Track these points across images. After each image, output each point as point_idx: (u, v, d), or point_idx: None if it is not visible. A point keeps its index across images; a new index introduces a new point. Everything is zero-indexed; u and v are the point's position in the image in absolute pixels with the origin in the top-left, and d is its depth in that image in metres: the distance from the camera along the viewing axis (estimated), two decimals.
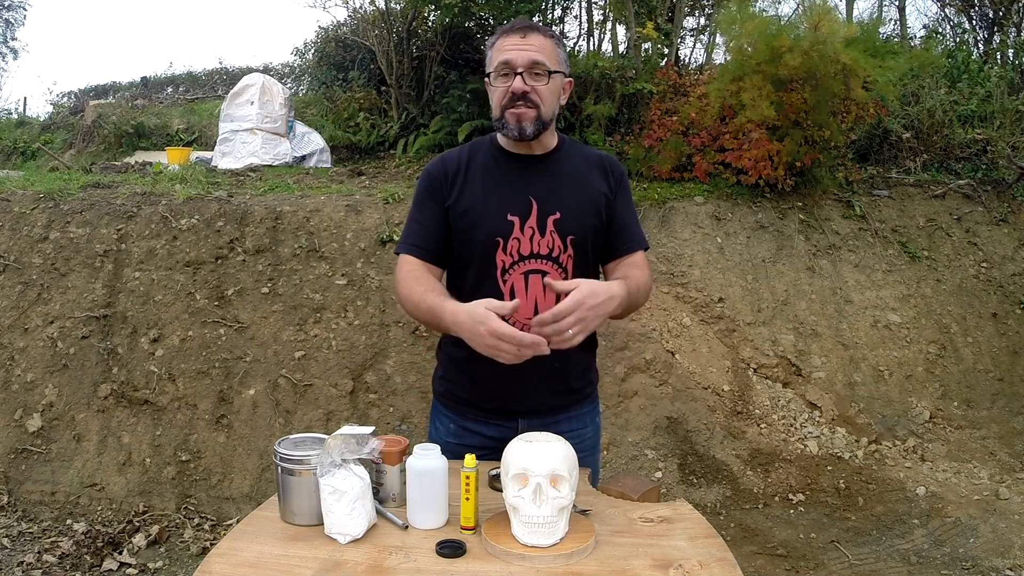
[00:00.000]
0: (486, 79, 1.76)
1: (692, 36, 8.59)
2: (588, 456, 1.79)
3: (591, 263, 1.80)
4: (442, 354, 1.87)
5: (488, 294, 1.65)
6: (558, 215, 1.71)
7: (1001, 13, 7.98)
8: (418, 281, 1.69)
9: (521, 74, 1.66)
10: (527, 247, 1.70)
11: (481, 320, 1.47)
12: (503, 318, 1.49)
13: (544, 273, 1.70)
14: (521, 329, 1.61)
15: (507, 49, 1.68)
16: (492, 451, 1.69)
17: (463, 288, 1.75)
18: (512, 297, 1.69)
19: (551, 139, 1.79)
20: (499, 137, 1.79)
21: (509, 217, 1.70)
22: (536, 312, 1.67)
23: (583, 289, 1.51)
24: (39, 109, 16.83)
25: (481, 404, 1.77)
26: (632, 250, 1.82)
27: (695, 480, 3.85)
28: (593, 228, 1.76)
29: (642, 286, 1.75)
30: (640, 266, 1.80)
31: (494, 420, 1.76)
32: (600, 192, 1.78)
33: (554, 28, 7.71)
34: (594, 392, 1.91)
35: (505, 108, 1.69)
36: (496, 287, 1.70)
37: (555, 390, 1.77)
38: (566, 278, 1.71)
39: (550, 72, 1.69)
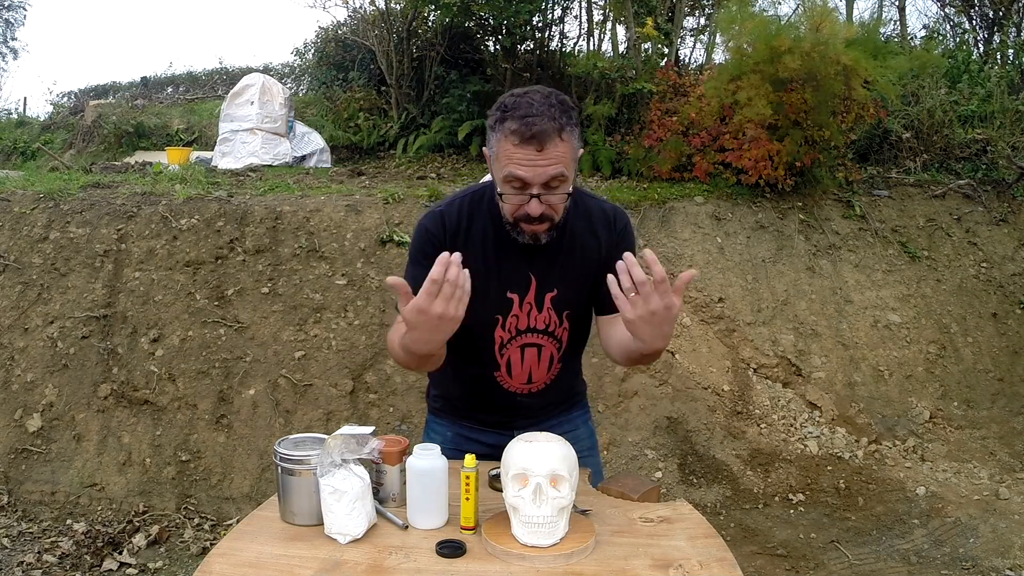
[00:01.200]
0: (490, 168, 1.57)
1: (692, 36, 8.59)
2: (586, 458, 1.79)
3: (586, 330, 1.80)
4: (432, 380, 1.90)
5: (486, 365, 1.70)
6: (555, 292, 1.67)
7: (1001, 13, 7.98)
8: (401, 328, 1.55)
9: (538, 196, 1.49)
10: (524, 322, 1.68)
11: (411, 312, 1.36)
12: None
13: (539, 346, 1.70)
14: (518, 394, 1.73)
15: (520, 163, 1.46)
16: (491, 457, 1.69)
17: (459, 356, 1.71)
18: (508, 368, 1.70)
19: None
20: (501, 209, 1.61)
21: (508, 295, 1.65)
22: (530, 379, 1.72)
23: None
24: (39, 109, 16.85)
25: (476, 417, 1.82)
26: None
27: (695, 480, 3.85)
28: (588, 299, 1.72)
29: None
30: None
31: (490, 429, 1.79)
32: (599, 255, 1.68)
33: (553, 29, 7.71)
34: (583, 400, 1.96)
35: (519, 220, 1.55)
36: (493, 359, 1.70)
37: (550, 414, 1.82)
38: (560, 348, 1.71)
39: (568, 179, 1.51)
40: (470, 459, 1.38)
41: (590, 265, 1.68)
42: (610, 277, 1.37)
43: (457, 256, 1.35)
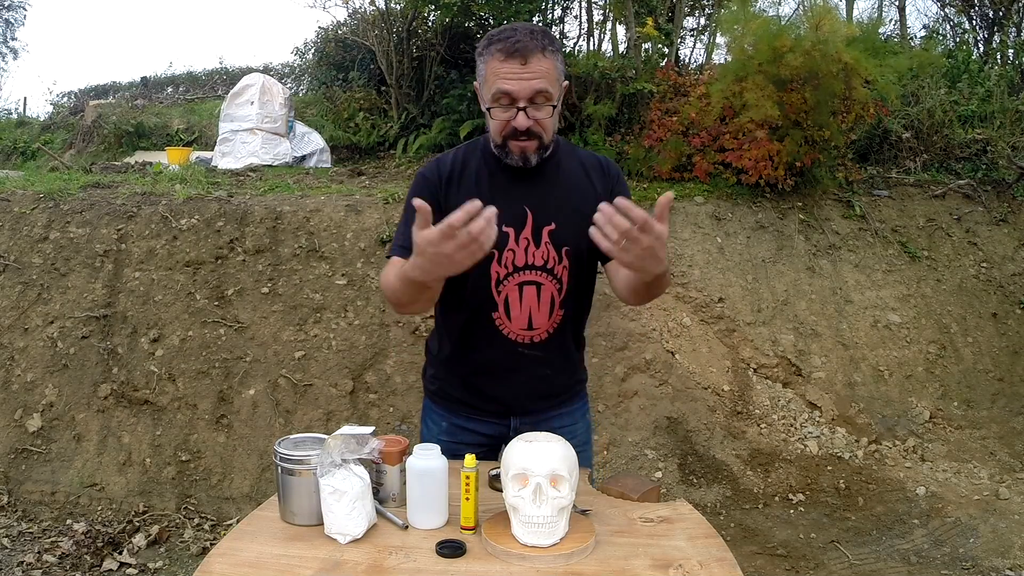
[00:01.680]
0: (480, 96, 1.65)
1: (692, 36, 8.59)
2: (581, 453, 1.79)
3: (586, 271, 1.78)
4: (429, 353, 1.87)
5: (483, 304, 1.68)
6: (553, 226, 1.68)
7: (1001, 13, 7.98)
8: (397, 269, 1.57)
9: (524, 109, 1.57)
10: (522, 258, 1.67)
11: (423, 240, 1.36)
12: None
13: (538, 284, 1.68)
14: (519, 342, 1.69)
15: (507, 78, 1.55)
16: (486, 448, 1.70)
17: (457, 297, 1.72)
18: (507, 308, 1.68)
19: None
20: (490, 134, 1.72)
21: (504, 228, 1.65)
22: (530, 324, 1.69)
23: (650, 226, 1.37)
24: (39, 109, 16.84)
25: (472, 402, 1.78)
26: None
27: (695, 480, 3.85)
28: (588, 238, 1.68)
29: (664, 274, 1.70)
30: None
31: (487, 418, 1.76)
32: (596, 197, 1.71)
33: (553, 29, 7.71)
34: (583, 391, 1.92)
35: (507, 138, 1.63)
36: (490, 297, 1.68)
37: (543, 393, 1.77)
38: (561, 289, 1.70)
39: (552, 96, 1.59)
40: (470, 459, 1.38)
41: (589, 205, 1.61)
42: (592, 231, 1.37)
43: (491, 211, 1.33)
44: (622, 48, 7.57)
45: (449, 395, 1.81)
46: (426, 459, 1.40)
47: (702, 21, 8.47)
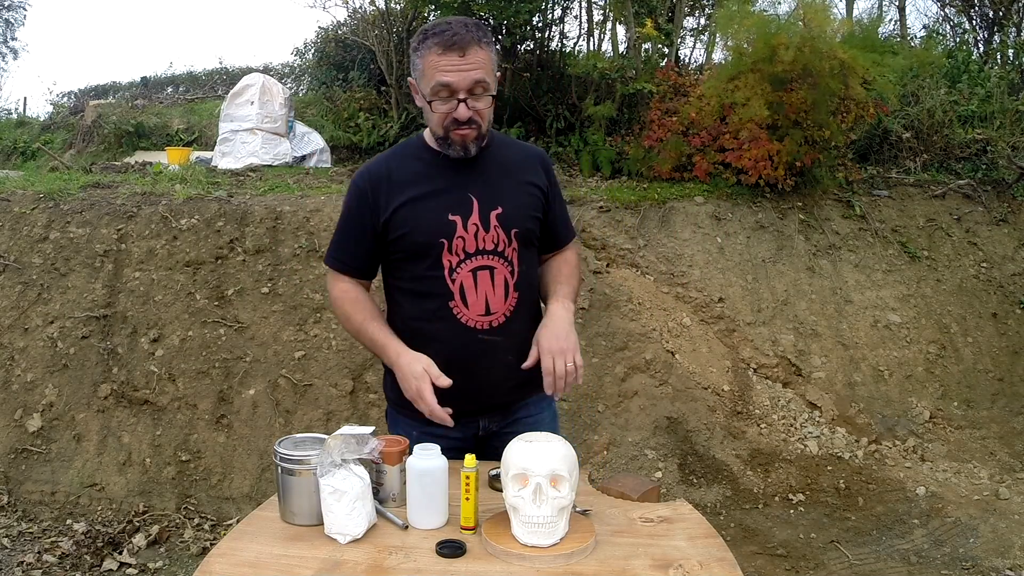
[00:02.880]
0: (416, 91, 1.69)
1: (692, 36, 8.59)
2: None
3: (534, 255, 1.84)
4: None
5: (437, 293, 1.71)
6: (500, 210, 1.72)
7: (1001, 13, 7.98)
8: (355, 306, 1.78)
9: (464, 100, 1.62)
10: (472, 244, 1.70)
11: (418, 378, 1.62)
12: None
13: (491, 268, 1.72)
14: (478, 329, 1.74)
15: (445, 70, 1.60)
16: (460, 451, 1.66)
17: (410, 289, 1.76)
18: (462, 296, 1.71)
19: None
20: (428, 138, 1.77)
21: (451, 217, 1.70)
22: (487, 310, 1.72)
23: (543, 343, 1.68)
24: (39, 109, 16.85)
25: (447, 403, 1.72)
26: (567, 242, 1.94)
27: (695, 480, 3.85)
28: (534, 220, 1.80)
29: (576, 281, 1.89)
30: (570, 261, 1.92)
31: (455, 423, 1.70)
32: (536, 185, 1.81)
33: (553, 29, 7.70)
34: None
35: (448, 129, 1.67)
36: (445, 287, 1.71)
37: (511, 385, 1.78)
38: (512, 271, 1.74)
39: (490, 87, 1.65)
40: (470, 459, 1.38)
41: (530, 188, 1.80)
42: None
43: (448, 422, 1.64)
44: (622, 48, 7.57)
45: (412, 405, 1.72)
46: (426, 459, 1.40)
47: (702, 21, 8.47)
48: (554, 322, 1.71)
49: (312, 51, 10.58)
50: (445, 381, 1.61)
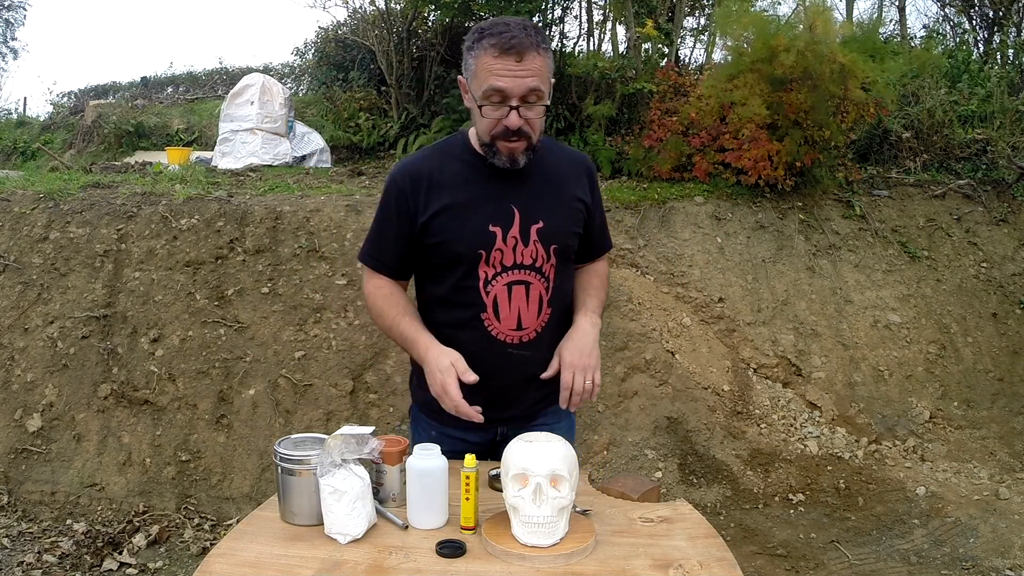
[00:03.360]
0: (466, 91, 1.62)
1: (692, 36, 8.59)
2: None
3: (570, 271, 1.80)
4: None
5: (469, 303, 1.67)
6: (541, 224, 1.67)
7: (1001, 13, 7.98)
8: (388, 302, 1.74)
9: (517, 108, 1.54)
10: (510, 258, 1.66)
11: (443, 371, 1.58)
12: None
13: (527, 283, 1.68)
14: (508, 343, 1.70)
15: (500, 74, 1.52)
16: (477, 456, 1.67)
17: (443, 296, 1.72)
18: (495, 309, 1.67)
19: None
20: (473, 140, 1.70)
21: (491, 228, 1.64)
22: (519, 324, 1.68)
23: (566, 356, 1.66)
24: (39, 109, 16.85)
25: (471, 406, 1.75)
26: (602, 253, 1.91)
27: (695, 480, 3.85)
28: (574, 236, 1.76)
29: (604, 294, 1.87)
30: (601, 273, 1.90)
31: (474, 427, 1.71)
32: (579, 198, 1.76)
33: (553, 29, 7.70)
34: None
35: (496, 138, 1.59)
36: (478, 298, 1.67)
37: (534, 397, 1.76)
38: (548, 287, 1.70)
39: (544, 95, 1.57)
40: (470, 459, 1.38)
41: (573, 202, 1.75)
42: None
43: (478, 418, 1.60)
44: (622, 48, 7.58)
45: (436, 405, 1.72)
46: (426, 459, 1.40)
47: (702, 21, 8.48)
48: (579, 336, 1.68)
49: (312, 51, 10.59)
50: (472, 376, 1.57)
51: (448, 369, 1.57)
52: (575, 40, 8.21)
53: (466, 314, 1.68)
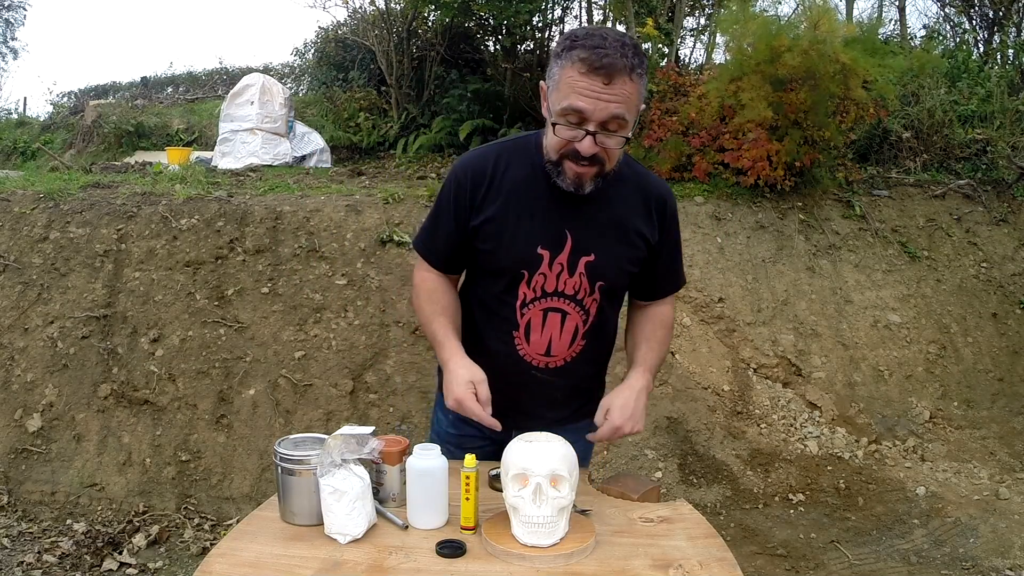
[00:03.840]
0: (544, 100, 1.48)
1: (692, 36, 8.59)
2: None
3: (616, 306, 1.70)
4: None
5: (503, 318, 1.62)
6: (592, 257, 1.56)
7: (1001, 13, 7.98)
8: (430, 297, 1.67)
9: (594, 134, 1.40)
10: (552, 284, 1.57)
11: (463, 385, 1.52)
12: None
13: (564, 312, 1.59)
14: (534, 365, 1.65)
15: (583, 93, 1.37)
16: (489, 446, 1.66)
17: (482, 301, 1.68)
18: (527, 331, 1.62)
19: None
20: (545, 146, 1.54)
21: (539, 250, 1.55)
22: (548, 351, 1.63)
23: (614, 416, 1.57)
24: (39, 109, 16.84)
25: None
26: (667, 294, 1.75)
27: (695, 480, 3.85)
28: (627, 275, 1.64)
29: (665, 348, 1.75)
30: (665, 322, 1.75)
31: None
32: (644, 236, 1.61)
33: (553, 29, 7.70)
34: (595, 409, 1.82)
35: (565, 157, 1.46)
36: (513, 317, 1.61)
37: (550, 418, 1.68)
38: (586, 320, 1.62)
39: (627, 125, 1.42)
40: (470, 459, 1.38)
41: (633, 241, 1.60)
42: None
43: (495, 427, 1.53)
44: None
45: None
46: (426, 459, 1.40)
47: (702, 21, 8.48)
48: (632, 395, 1.59)
49: (312, 51, 10.60)
50: (489, 421, 1.51)
51: (466, 387, 1.51)
52: None
53: (498, 327, 1.64)
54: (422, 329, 1.71)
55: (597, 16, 7.97)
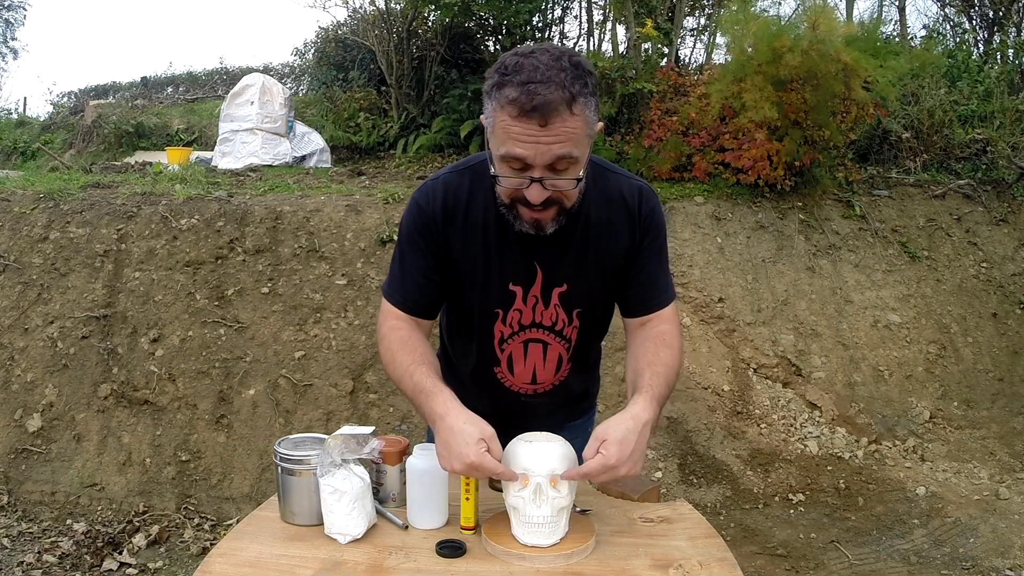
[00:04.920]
0: (487, 140, 1.34)
1: (692, 36, 8.59)
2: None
3: (600, 327, 1.62)
4: (440, 354, 1.76)
5: (483, 357, 1.56)
6: (564, 287, 1.48)
7: (1001, 13, 7.98)
8: (405, 346, 1.46)
9: (540, 180, 1.27)
10: (528, 317, 1.51)
11: (474, 446, 1.25)
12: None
13: (545, 343, 1.52)
14: (521, 393, 1.58)
15: (520, 139, 1.23)
16: None
17: (454, 342, 1.64)
18: (509, 364, 1.55)
19: None
20: (497, 191, 1.41)
21: (511, 287, 1.47)
22: (534, 379, 1.57)
23: (610, 453, 1.25)
24: (39, 109, 16.85)
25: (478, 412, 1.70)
26: (660, 306, 1.53)
27: (695, 480, 3.85)
28: (605, 296, 1.54)
29: (671, 371, 1.45)
30: (670, 342, 1.48)
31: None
32: (620, 249, 1.48)
33: (553, 29, 7.70)
34: (591, 407, 1.83)
35: (517, 201, 1.33)
36: (492, 354, 1.56)
37: (546, 425, 1.57)
38: (569, 349, 1.55)
39: (579, 160, 1.28)
40: None
41: (611, 258, 1.48)
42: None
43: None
44: (622, 48, 7.58)
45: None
46: (426, 459, 1.40)
47: (702, 21, 8.48)
48: (635, 428, 1.30)
49: (312, 51, 10.60)
50: (508, 472, 1.29)
51: (478, 445, 1.25)
52: (575, 40, 8.21)
53: (478, 364, 1.58)
54: (397, 383, 1.48)
55: (597, 16, 7.97)
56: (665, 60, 6.93)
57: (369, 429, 1.48)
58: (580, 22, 8.23)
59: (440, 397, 1.36)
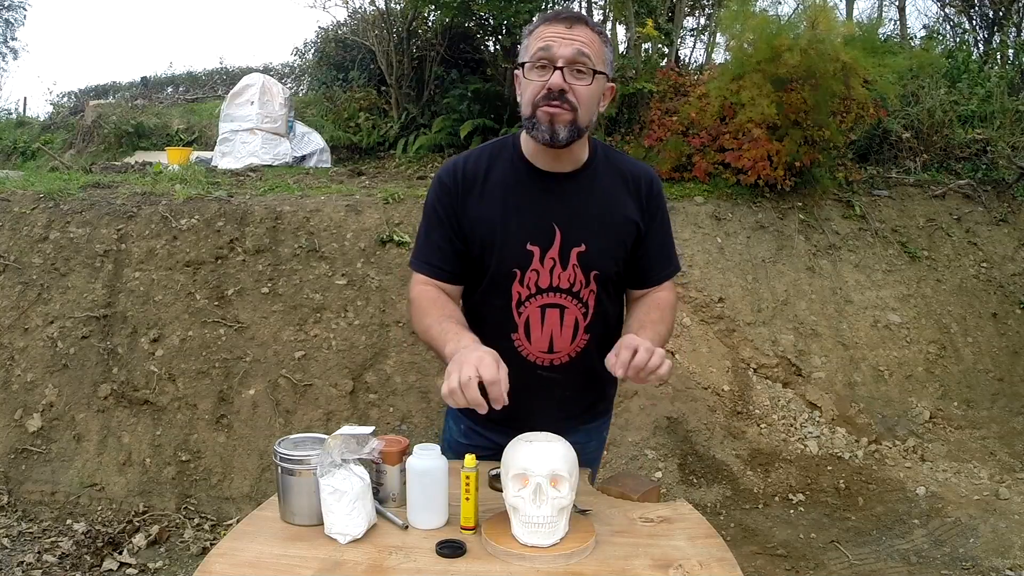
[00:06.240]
0: (517, 72, 1.55)
1: (692, 36, 8.60)
2: (587, 467, 1.74)
3: (614, 295, 1.68)
4: None
5: (502, 324, 1.60)
6: (583, 248, 1.56)
7: (1001, 13, 7.98)
8: (435, 303, 1.58)
9: (562, 69, 1.46)
10: (546, 279, 1.57)
11: (491, 354, 1.36)
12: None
13: (562, 307, 1.58)
14: (538, 365, 1.61)
15: (549, 38, 1.48)
16: (496, 457, 1.65)
17: (474, 308, 1.66)
18: (527, 330, 1.60)
19: (582, 151, 1.60)
20: (523, 144, 1.60)
21: (529, 247, 1.55)
22: (551, 347, 1.61)
23: (640, 342, 1.40)
24: (39, 109, 16.83)
25: (491, 416, 1.73)
26: (662, 280, 1.71)
27: (695, 480, 3.85)
28: (620, 261, 1.63)
29: (664, 328, 1.62)
30: (662, 303, 1.67)
31: (503, 428, 1.69)
32: (631, 221, 1.62)
33: None
34: (608, 408, 1.84)
35: (538, 105, 1.49)
36: (510, 318, 1.60)
37: (558, 416, 1.65)
38: (587, 314, 1.61)
39: (594, 71, 1.49)
40: (470, 459, 1.38)
41: (622, 225, 1.61)
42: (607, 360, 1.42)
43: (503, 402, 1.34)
44: (622, 48, 7.58)
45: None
46: (426, 459, 1.40)
47: (702, 21, 8.48)
48: (651, 344, 1.43)
49: (312, 51, 10.61)
50: (502, 402, 1.34)
51: (479, 359, 1.35)
52: None
53: (496, 331, 1.60)
54: (424, 337, 1.57)
55: (597, 16, 7.97)
56: (665, 60, 6.93)
57: (369, 429, 1.48)
58: None
59: (465, 337, 1.45)
